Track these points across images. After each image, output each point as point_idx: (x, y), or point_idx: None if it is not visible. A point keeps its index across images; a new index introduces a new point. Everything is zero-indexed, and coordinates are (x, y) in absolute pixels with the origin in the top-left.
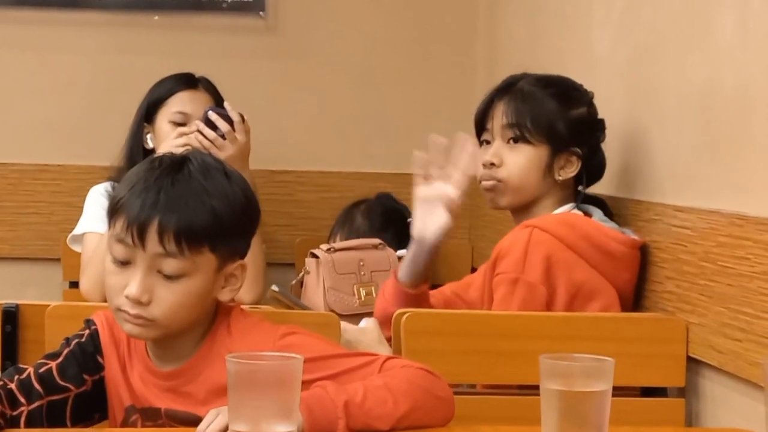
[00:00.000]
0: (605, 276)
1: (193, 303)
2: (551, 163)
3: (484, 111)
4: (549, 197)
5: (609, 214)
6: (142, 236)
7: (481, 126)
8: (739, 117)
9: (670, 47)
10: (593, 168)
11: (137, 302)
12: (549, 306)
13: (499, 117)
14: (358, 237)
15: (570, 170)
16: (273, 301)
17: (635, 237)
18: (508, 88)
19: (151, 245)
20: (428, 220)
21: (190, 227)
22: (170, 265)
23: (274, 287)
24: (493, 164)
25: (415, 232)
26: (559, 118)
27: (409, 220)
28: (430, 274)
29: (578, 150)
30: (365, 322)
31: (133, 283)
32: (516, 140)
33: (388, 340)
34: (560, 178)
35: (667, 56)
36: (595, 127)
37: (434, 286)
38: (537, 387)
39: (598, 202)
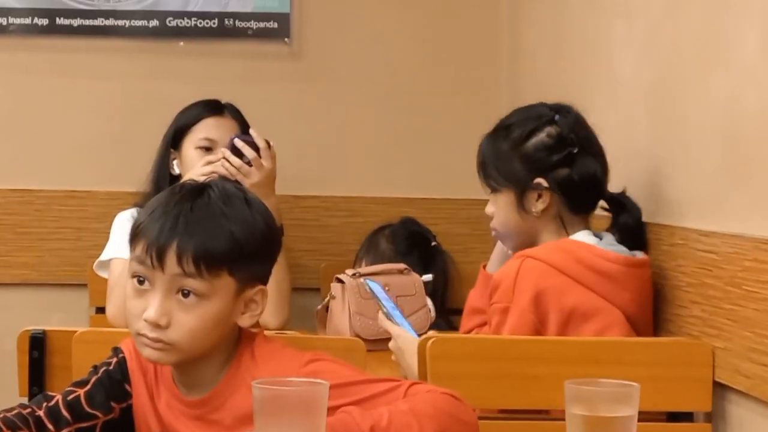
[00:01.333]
0: (605, 296)
1: (211, 327)
2: (522, 202)
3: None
4: (544, 232)
5: (641, 238)
6: (161, 258)
7: None
8: (764, 139)
9: (692, 68)
10: (577, 186)
11: (156, 325)
12: (540, 332)
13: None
14: (383, 262)
15: (543, 201)
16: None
17: (635, 256)
18: (487, 137)
19: (170, 266)
20: None
21: (208, 250)
22: (189, 284)
23: (369, 281)
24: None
25: None
26: (512, 156)
27: (433, 243)
28: None
29: (541, 181)
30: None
31: (151, 306)
32: (492, 190)
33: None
34: (536, 211)
35: (690, 77)
36: (559, 148)
37: None
38: (563, 412)
39: (633, 227)
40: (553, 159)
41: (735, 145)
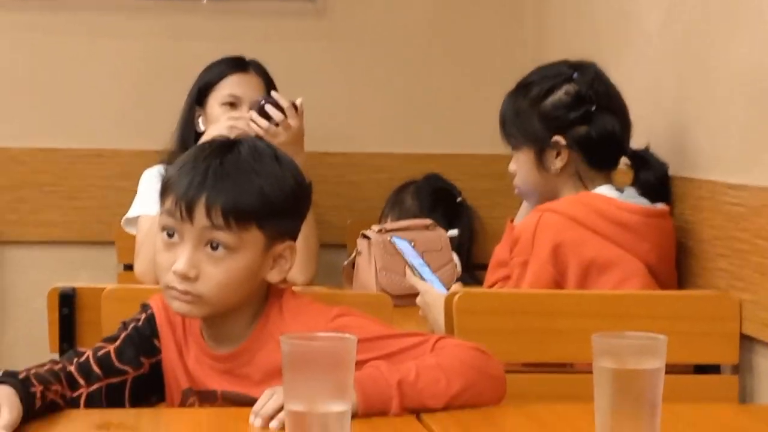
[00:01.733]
0: (624, 247)
1: (239, 281)
2: (541, 159)
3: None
4: (564, 189)
5: (666, 192)
6: (190, 211)
7: None
8: None
9: (720, 27)
10: (595, 143)
11: (185, 277)
12: (560, 284)
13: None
14: (408, 218)
15: (561, 159)
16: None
17: (655, 207)
18: (508, 96)
19: (199, 219)
20: None
21: (237, 204)
22: (218, 237)
23: (396, 238)
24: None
25: None
26: (531, 115)
27: (458, 199)
28: None
29: (560, 139)
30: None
31: (180, 258)
32: (513, 148)
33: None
34: (555, 168)
35: (718, 36)
36: (577, 105)
37: None
38: (588, 365)
39: (654, 183)
40: (570, 117)
41: (761, 101)
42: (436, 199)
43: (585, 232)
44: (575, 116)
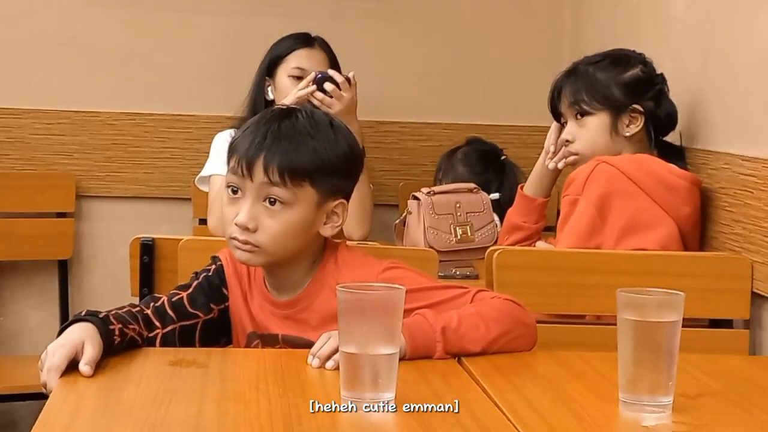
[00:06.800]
0: (666, 209)
1: (294, 233)
2: (615, 124)
3: (553, 97)
4: (626, 152)
5: (683, 162)
6: (250, 169)
7: (555, 111)
8: None
9: (739, 9)
10: (661, 118)
11: (245, 228)
12: (598, 229)
13: (565, 99)
14: (462, 182)
15: (636, 125)
16: None
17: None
18: (569, 73)
19: (258, 176)
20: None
21: (291, 163)
22: (275, 192)
23: None
24: (568, 141)
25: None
26: (612, 83)
27: (502, 157)
28: (550, 192)
29: (638, 106)
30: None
31: (242, 211)
32: (581, 114)
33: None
34: (628, 133)
35: (737, 18)
36: (652, 82)
37: None
38: (613, 317)
39: (677, 150)
40: (646, 90)
41: None
42: (484, 161)
43: (634, 187)
44: (650, 90)
